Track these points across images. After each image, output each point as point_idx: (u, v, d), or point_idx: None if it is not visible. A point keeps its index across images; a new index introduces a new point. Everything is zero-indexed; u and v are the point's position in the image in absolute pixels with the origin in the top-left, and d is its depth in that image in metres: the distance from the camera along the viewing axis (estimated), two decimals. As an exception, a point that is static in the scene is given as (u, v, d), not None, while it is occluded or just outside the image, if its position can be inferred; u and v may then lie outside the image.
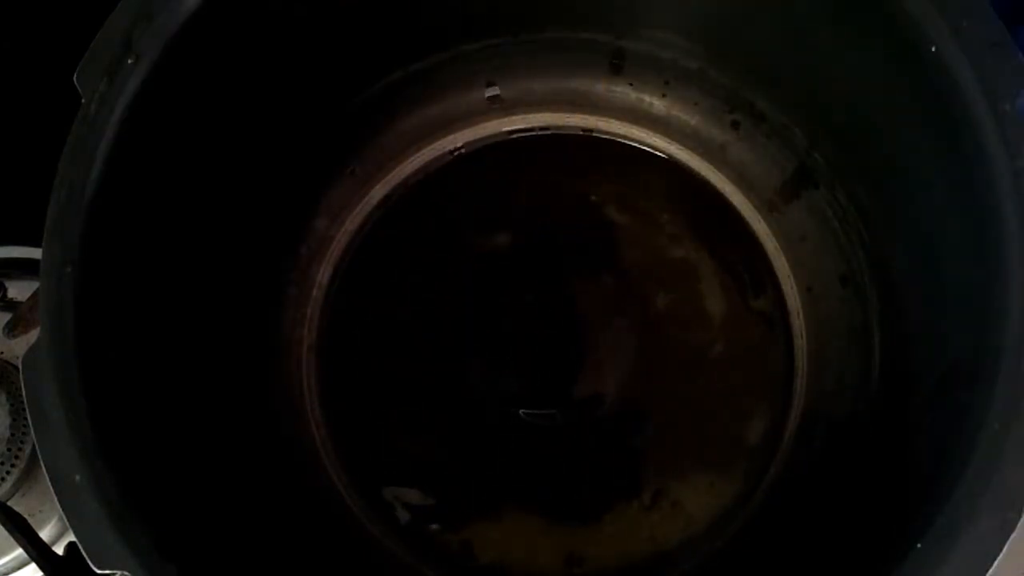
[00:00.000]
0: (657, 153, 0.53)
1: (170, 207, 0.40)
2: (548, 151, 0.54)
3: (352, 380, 0.51)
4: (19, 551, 0.42)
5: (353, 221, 0.54)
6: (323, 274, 0.53)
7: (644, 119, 0.54)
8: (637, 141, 0.54)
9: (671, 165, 0.53)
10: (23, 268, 0.48)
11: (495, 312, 0.51)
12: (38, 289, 0.34)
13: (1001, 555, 0.29)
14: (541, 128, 0.54)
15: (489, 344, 0.51)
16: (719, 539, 0.48)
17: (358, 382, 0.51)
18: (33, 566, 0.42)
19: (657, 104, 0.53)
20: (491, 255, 0.52)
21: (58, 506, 0.32)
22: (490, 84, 0.54)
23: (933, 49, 0.34)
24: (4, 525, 0.41)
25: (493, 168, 0.54)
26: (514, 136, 0.54)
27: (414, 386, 0.50)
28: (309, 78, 0.46)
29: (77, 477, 0.32)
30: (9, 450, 0.44)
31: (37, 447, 0.32)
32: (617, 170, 0.54)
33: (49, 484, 0.32)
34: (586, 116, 0.54)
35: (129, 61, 0.36)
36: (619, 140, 0.54)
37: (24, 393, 0.33)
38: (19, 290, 0.48)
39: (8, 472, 0.44)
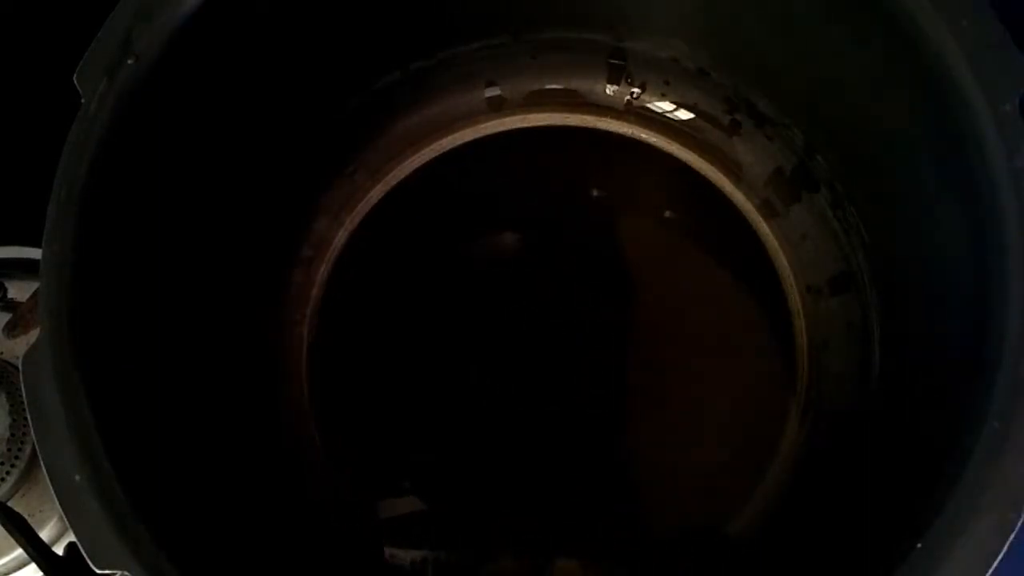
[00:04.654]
0: (657, 153, 0.53)
1: (170, 207, 0.40)
2: (548, 151, 0.54)
3: (351, 380, 0.51)
4: (19, 551, 0.42)
5: (353, 221, 0.54)
6: (323, 274, 0.53)
7: (644, 119, 0.54)
8: (637, 141, 0.54)
9: (671, 165, 0.53)
10: (23, 268, 0.48)
11: (496, 313, 0.51)
12: (38, 289, 0.34)
13: (1001, 555, 0.29)
14: (541, 128, 0.54)
15: (490, 346, 0.51)
16: (717, 540, 0.48)
17: (357, 382, 0.51)
18: (33, 566, 0.42)
19: (657, 104, 0.53)
20: (491, 255, 0.52)
21: (58, 506, 0.32)
22: (490, 84, 0.54)
23: (933, 49, 0.34)
24: (4, 525, 0.41)
25: (493, 168, 0.54)
26: (514, 136, 0.54)
27: (413, 387, 0.50)
28: (309, 78, 0.46)
29: (77, 477, 0.32)
30: (9, 450, 0.44)
31: (37, 447, 0.32)
32: (617, 170, 0.54)
33: (49, 484, 0.32)
34: (586, 116, 0.54)
35: (129, 61, 0.36)
36: (619, 140, 0.54)
37: (24, 393, 0.33)
38: (19, 290, 0.48)
39: (8, 472, 0.44)
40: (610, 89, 0.54)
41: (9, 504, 0.43)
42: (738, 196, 0.52)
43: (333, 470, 0.50)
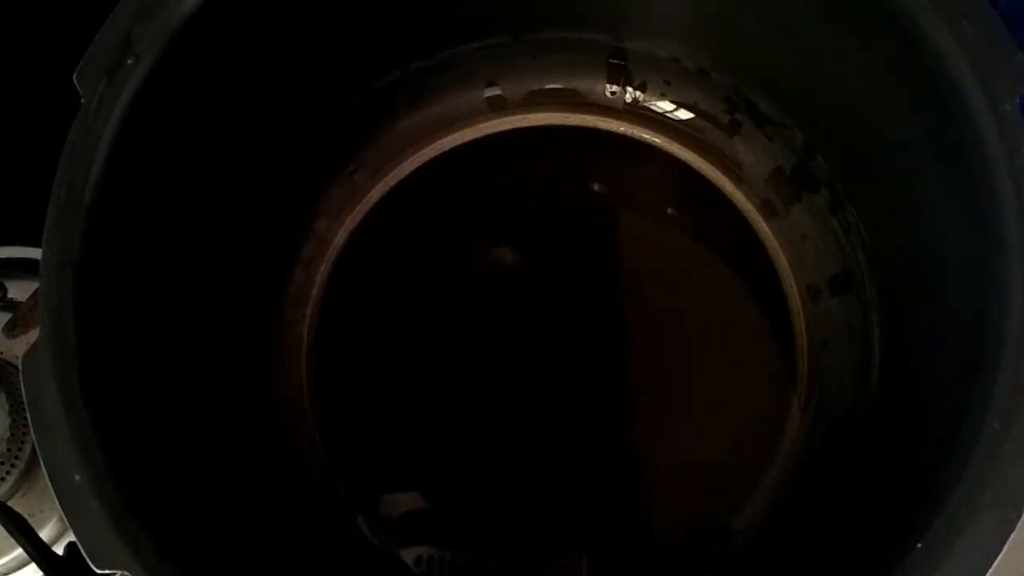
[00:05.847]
0: (657, 153, 0.53)
1: (170, 207, 0.40)
2: (548, 151, 0.54)
3: (351, 380, 0.51)
4: (19, 551, 0.42)
5: (353, 221, 0.54)
6: (323, 274, 0.53)
7: (644, 119, 0.54)
8: (637, 141, 0.54)
9: (671, 165, 0.53)
10: (23, 268, 0.48)
11: (496, 312, 0.51)
12: (38, 289, 0.34)
13: (1001, 555, 0.29)
14: (541, 128, 0.54)
15: (490, 345, 0.51)
16: (718, 540, 0.48)
17: (357, 382, 0.51)
18: (33, 566, 0.42)
19: (657, 104, 0.53)
20: (491, 255, 0.52)
21: (58, 506, 0.32)
22: (490, 84, 0.54)
23: (933, 49, 0.34)
24: (4, 525, 0.41)
25: (493, 168, 0.54)
26: (514, 136, 0.54)
27: (414, 386, 0.50)
28: (309, 77, 0.46)
29: (77, 477, 0.32)
30: (9, 450, 0.44)
31: (37, 447, 0.32)
32: (617, 170, 0.54)
33: (49, 484, 0.32)
34: (586, 116, 0.54)
35: (129, 61, 0.36)
36: (619, 140, 0.54)
37: (24, 393, 0.33)
38: (19, 290, 0.48)
39: (8, 472, 0.44)
40: (610, 89, 0.54)
41: (9, 504, 0.43)
42: (738, 196, 0.52)
43: (333, 470, 0.50)
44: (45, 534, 0.44)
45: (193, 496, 0.38)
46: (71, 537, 0.32)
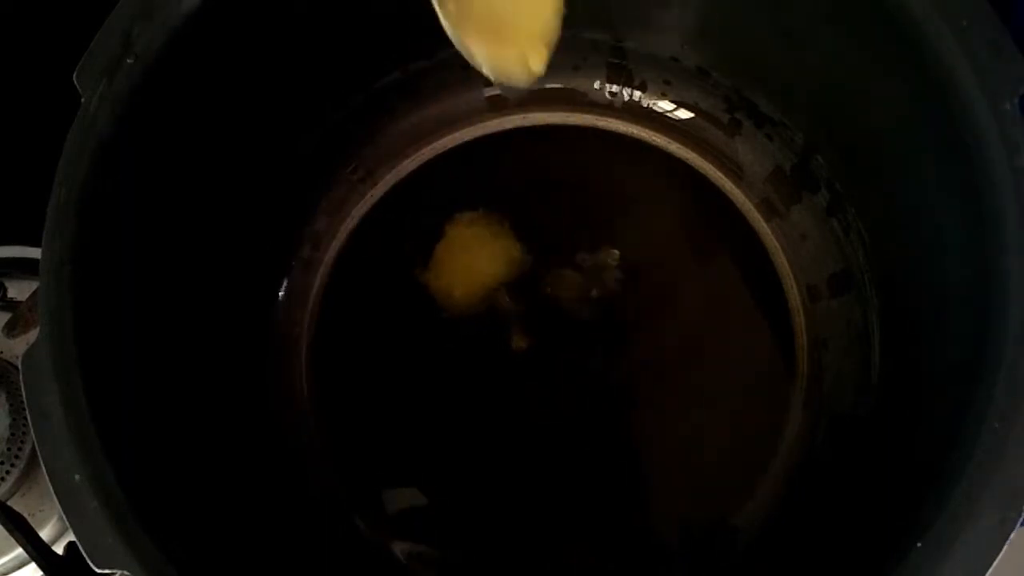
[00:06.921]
0: (657, 153, 0.53)
1: (170, 207, 0.40)
2: (548, 151, 0.54)
3: (351, 380, 0.51)
4: (19, 551, 0.42)
5: (353, 220, 0.54)
6: (323, 274, 0.53)
7: (644, 118, 0.54)
8: (637, 141, 0.54)
9: (671, 165, 0.53)
10: (23, 268, 0.48)
11: (495, 311, 0.51)
12: (38, 289, 0.34)
13: (1001, 555, 0.29)
14: (541, 128, 0.54)
15: (488, 344, 0.51)
16: (718, 539, 0.48)
17: (357, 382, 0.51)
18: (33, 566, 0.42)
19: (657, 104, 0.53)
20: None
21: (58, 506, 0.32)
22: (490, 84, 0.53)
23: (933, 49, 0.34)
24: (4, 525, 0.41)
25: (493, 168, 0.54)
26: (514, 136, 0.54)
27: (412, 385, 0.50)
28: (309, 77, 0.46)
29: (77, 477, 0.32)
30: (9, 450, 0.44)
31: (37, 447, 0.32)
32: (617, 170, 0.54)
33: (49, 484, 0.32)
34: (586, 116, 0.54)
35: (129, 61, 0.36)
36: (619, 139, 0.54)
37: (24, 393, 0.33)
38: (19, 290, 0.48)
39: (8, 472, 0.44)
40: (610, 89, 0.54)
41: (9, 504, 0.43)
42: (738, 196, 0.52)
43: (332, 468, 0.50)
44: (45, 534, 0.44)
45: (193, 495, 0.38)
46: (71, 537, 0.32)
